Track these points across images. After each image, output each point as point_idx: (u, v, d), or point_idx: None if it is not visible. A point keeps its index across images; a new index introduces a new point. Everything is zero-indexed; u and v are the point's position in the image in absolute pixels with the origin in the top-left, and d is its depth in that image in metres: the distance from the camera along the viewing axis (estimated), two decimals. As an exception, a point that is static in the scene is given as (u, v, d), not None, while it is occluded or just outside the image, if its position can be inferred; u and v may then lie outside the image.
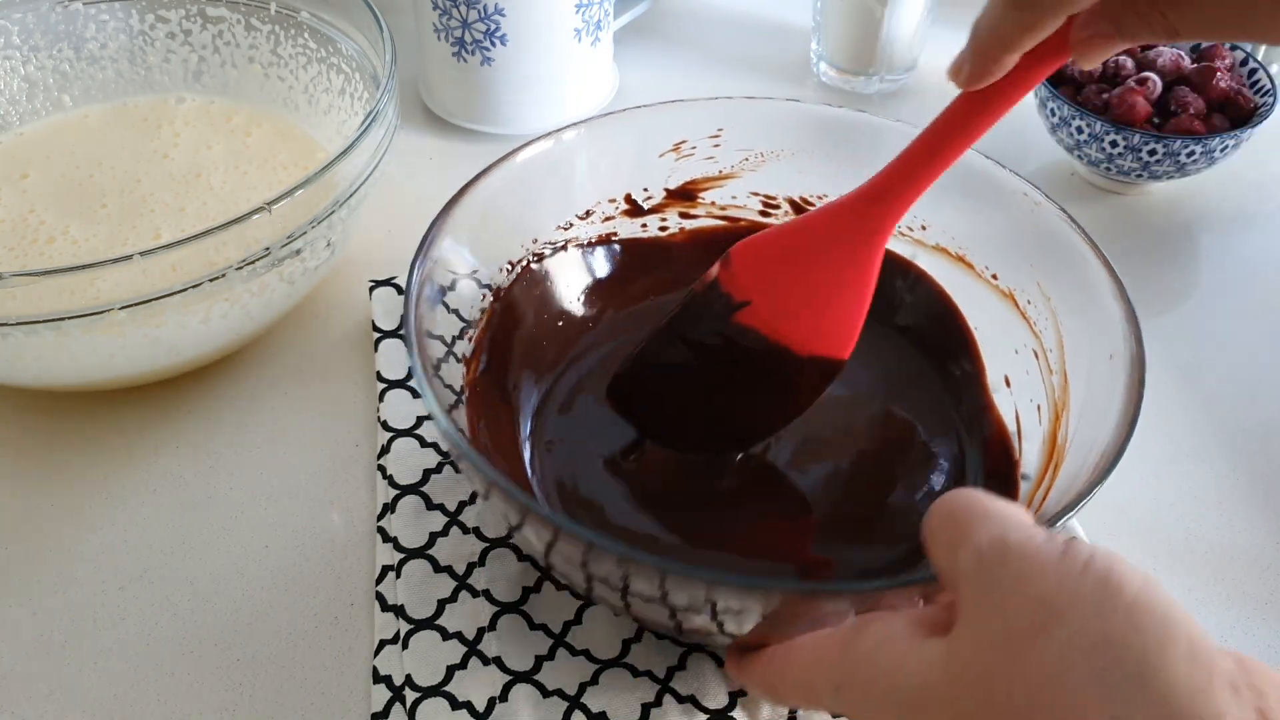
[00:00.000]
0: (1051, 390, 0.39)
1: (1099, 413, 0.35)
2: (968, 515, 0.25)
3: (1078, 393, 0.38)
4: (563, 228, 0.45)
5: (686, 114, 0.45)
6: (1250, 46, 0.63)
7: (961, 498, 0.26)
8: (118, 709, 0.36)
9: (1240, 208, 0.59)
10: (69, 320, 0.38)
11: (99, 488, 0.43)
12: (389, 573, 0.39)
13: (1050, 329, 0.40)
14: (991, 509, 0.25)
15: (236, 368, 0.48)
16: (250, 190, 0.51)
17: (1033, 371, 0.41)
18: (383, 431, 0.44)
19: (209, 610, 0.39)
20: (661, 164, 0.46)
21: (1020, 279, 0.42)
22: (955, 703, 0.23)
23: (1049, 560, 0.23)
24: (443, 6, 0.57)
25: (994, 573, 0.24)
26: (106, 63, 0.56)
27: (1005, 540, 0.24)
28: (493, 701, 0.36)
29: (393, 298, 0.49)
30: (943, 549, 0.26)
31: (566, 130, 0.42)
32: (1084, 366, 0.38)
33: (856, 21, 0.64)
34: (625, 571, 0.29)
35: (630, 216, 0.46)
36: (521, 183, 0.42)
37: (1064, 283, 0.40)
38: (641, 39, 0.70)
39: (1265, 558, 0.42)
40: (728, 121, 0.45)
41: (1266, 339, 0.52)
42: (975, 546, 0.24)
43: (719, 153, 0.46)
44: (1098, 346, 0.37)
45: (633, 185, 0.46)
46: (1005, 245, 0.43)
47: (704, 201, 0.47)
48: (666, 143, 0.45)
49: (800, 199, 0.47)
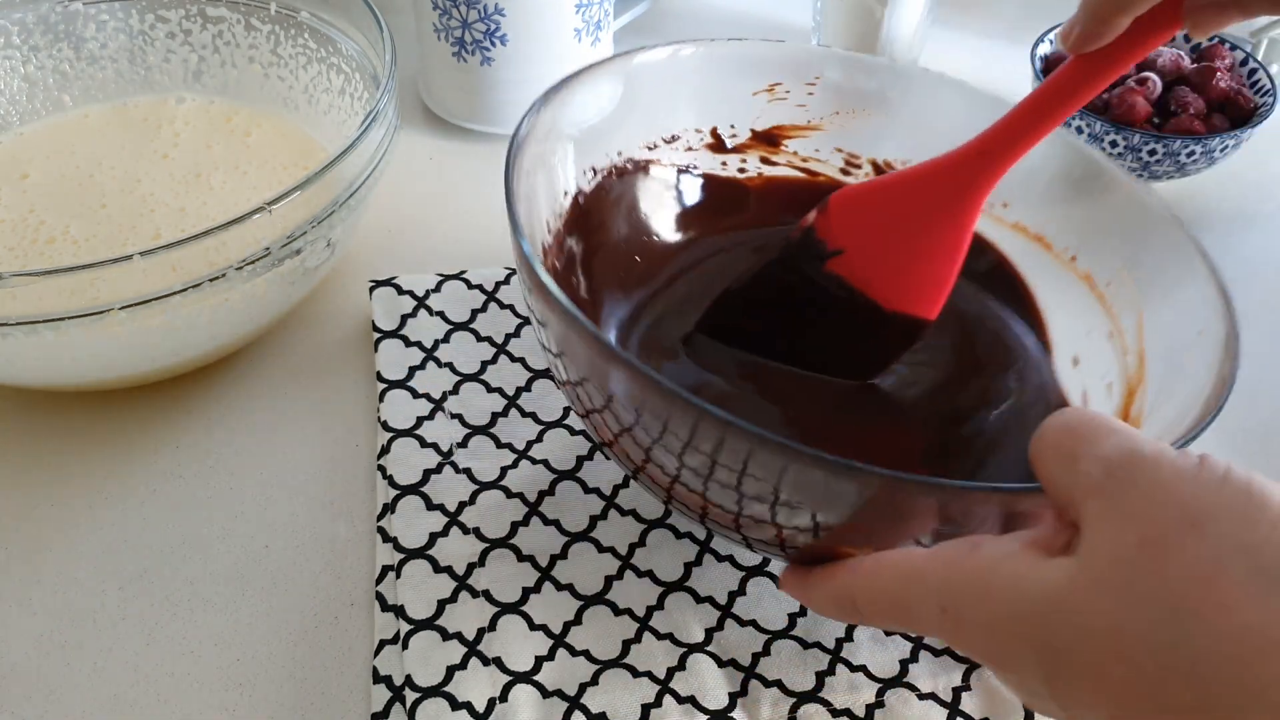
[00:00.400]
0: (1125, 369, 0.39)
1: (1183, 389, 0.34)
2: (1091, 427, 0.24)
3: (1154, 372, 0.37)
4: (648, 146, 0.44)
5: (789, 55, 0.44)
6: (1250, 46, 0.63)
7: (1078, 413, 0.25)
8: (118, 709, 0.36)
9: (1240, 208, 0.59)
10: (69, 320, 0.38)
11: (99, 488, 0.43)
12: (389, 573, 0.39)
13: (1131, 309, 0.39)
14: (1115, 423, 0.24)
15: (236, 368, 0.48)
16: (250, 190, 0.51)
17: (1105, 351, 0.40)
18: (383, 431, 0.44)
19: (209, 610, 0.39)
20: (754, 102, 0.45)
21: (1102, 260, 0.41)
22: (1091, 615, 0.22)
23: (1186, 470, 0.22)
24: (443, 6, 0.57)
25: (1127, 482, 0.23)
26: (106, 63, 0.56)
27: (1138, 450, 0.23)
28: (492, 702, 0.36)
29: (393, 298, 0.49)
30: (1060, 462, 0.24)
31: (685, 46, 0.42)
32: (1163, 346, 0.37)
33: (856, 21, 0.64)
34: (721, 439, 0.28)
35: (713, 151, 0.46)
36: (628, 87, 0.42)
37: (1149, 264, 0.39)
38: (641, 39, 0.69)
39: (1265, 558, 0.42)
40: (827, 69, 0.44)
41: (1266, 339, 0.52)
42: (1102, 457, 0.23)
43: (811, 100, 0.45)
44: (1184, 325, 0.36)
45: (720, 119, 0.46)
46: (1086, 226, 0.42)
47: (786, 150, 0.47)
48: (763, 81, 0.45)
49: (884, 162, 0.46)
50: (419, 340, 0.47)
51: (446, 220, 0.56)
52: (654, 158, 0.45)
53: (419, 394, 0.45)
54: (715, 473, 0.30)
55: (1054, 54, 0.60)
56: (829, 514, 0.29)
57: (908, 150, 0.46)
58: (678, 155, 0.45)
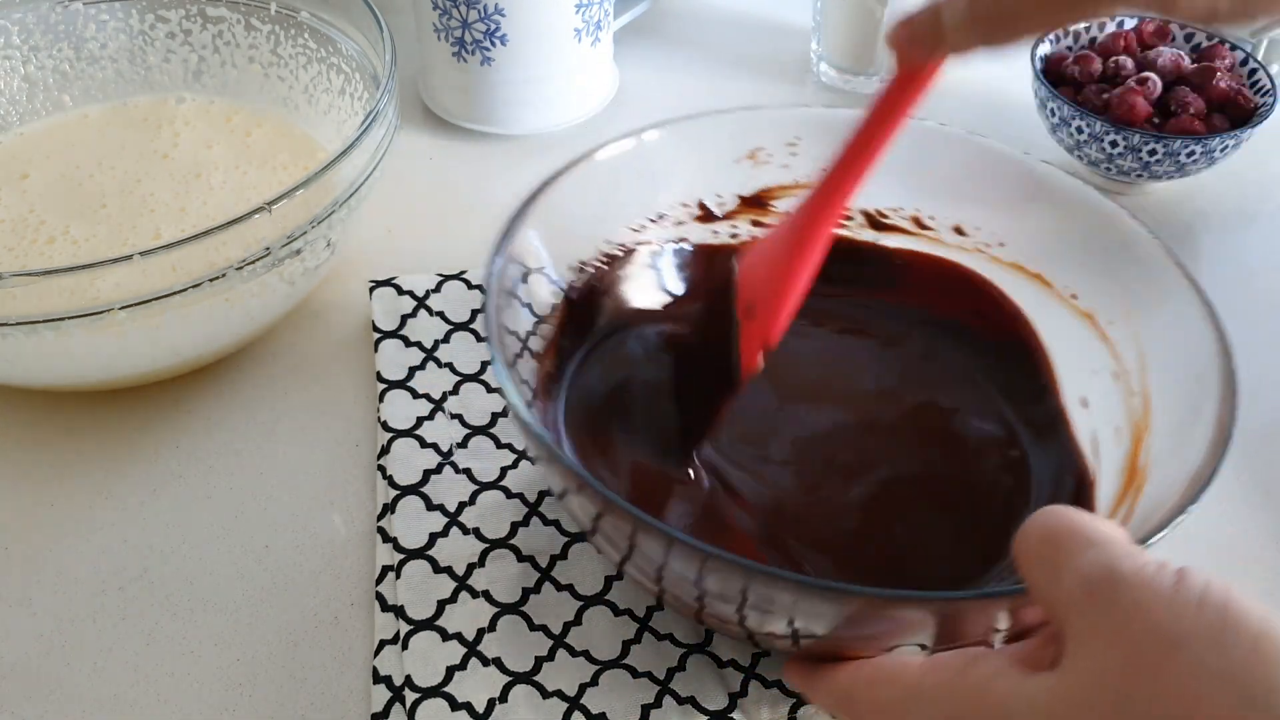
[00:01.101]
0: (1132, 412, 0.39)
1: (1185, 434, 0.34)
2: (1069, 537, 0.24)
3: (1160, 415, 0.37)
4: (635, 229, 0.44)
5: (765, 120, 0.44)
6: (1250, 46, 0.63)
7: (1057, 516, 0.25)
8: (118, 709, 0.36)
9: (1240, 208, 0.59)
10: (69, 320, 0.38)
11: (99, 488, 0.43)
12: (389, 573, 0.39)
13: (1132, 350, 0.39)
14: (1094, 533, 0.24)
15: (236, 368, 0.48)
16: (250, 190, 0.51)
17: (1111, 394, 0.40)
18: (383, 432, 0.44)
19: (209, 610, 0.39)
20: (737, 170, 0.45)
21: (1101, 299, 0.41)
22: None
23: (1163, 590, 0.23)
24: (443, 6, 0.57)
25: (1107, 602, 0.23)
26: (106, 63, 0.56)
27: (1116, 568, 0.23)
28: (492, 702, 0.36)
29: (393, 298, 0.49)
30: (1042, 571, 0.25)
31: (648, 130, 0.42)
32: (1168, 388, 0.37)
33: (856, 21, 0.64)
34: (704, 571, 0.29)
35: (703, 222, 0.46)
36: (599, 181, 0.41)
37: (1147, 303, 0.39)
38: (641, 39, 0.70)
39: (1265, 558, 0.42)
40: (805, 130, 0.44)
41: (1266, 339, 0.52)
42: (1082, 574, 0.24)
43: (795, 161, 0.45)
44: (1183, 369, 0.36)
45: (706, 191, 0.45)
46: (1087, 264, 0.42)
47: (776, 210, 0.46)
48: (744, 149, 0.45)
49: (876, 211, 0.46)
50: (419, 340, 0.47)
51: (446, 220, 0.56)
52: (642, 239, 0.45)
53: (419, 394, 0.45)
54: (708, 604, 0.31)
55: (1054, 53, 0.60)
56: (816, 626, 0.30)
57: (899, 199, 0.45)
58: (666, 231, 0.45)
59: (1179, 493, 0.32)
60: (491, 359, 0.34)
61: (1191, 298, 0.37)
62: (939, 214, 0.45)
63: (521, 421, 0.32)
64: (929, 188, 0.45)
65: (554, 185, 0.39)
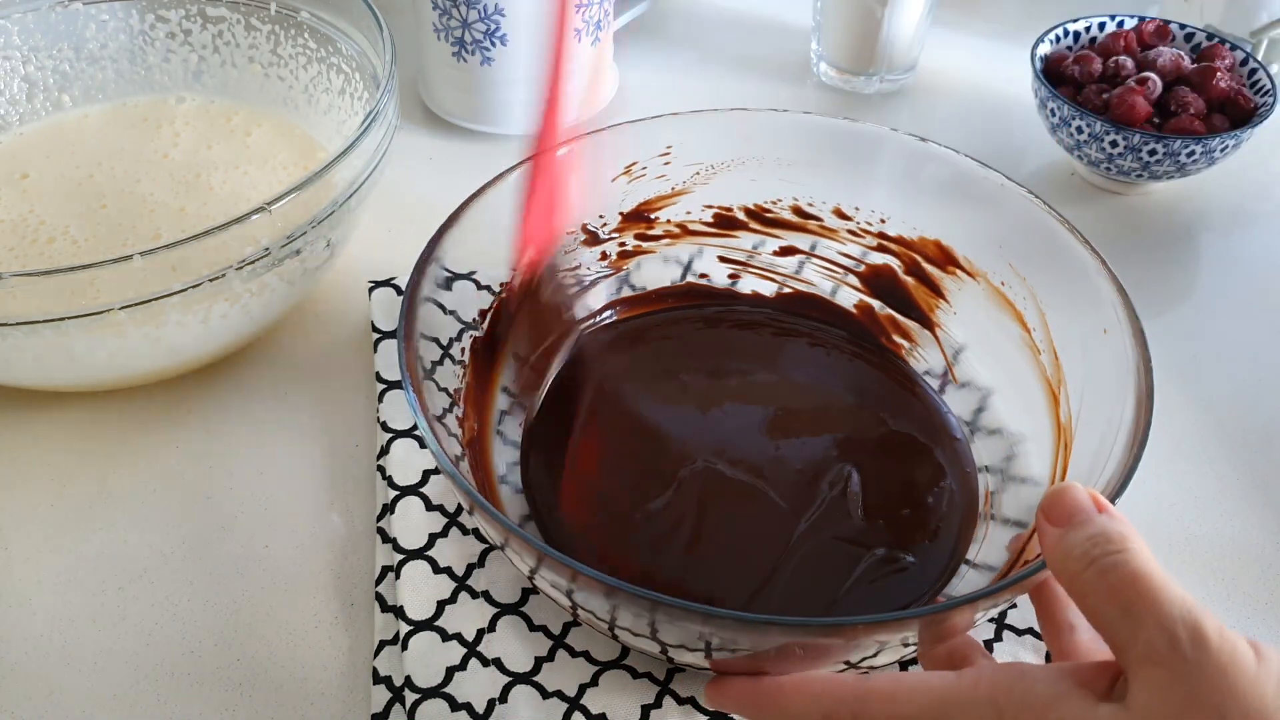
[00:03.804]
0: (1042, 369, 0.40)
1: (1110, 390, 0.35)
2: (1149, 585, 0.25)
3: (1073, 369, 0.39)
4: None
5: (635, 135, 0.44)
6: (1250, 46, 0.63)
7: (1140, 560, 0.26)
8: (118, 709, 0.36)
9: (1240, 208, 0.59)
10: (69, 320, 0.38)
11: (99, 488, 0.43)
12: (389, 573, 0.39)
13: (1031, 308, 0.41)
14: (1169, 588, 0.25)
15: (236, 368, 0.48)
16: (250, 190, 0.51)
17: (1019, 353, 0.41)
18: (382, 432, 0.44)
19: (209, 610, 0.39)
20: (614, 188, 0.45)
21: (992, 262, 0.43)
22: None
23: (1247, 664, 0.24)
24: (443, 6, 0.57)
25: (1192, 664, 0.24)
26: (106, 63, 0.56)
27: (1202, 631, 0.24)
28: (492, 703, 0.36)
29: (392, 298, 0.49)
30: (1118, 612, 0.25)
31: (516, 170, 0.41)
32: (1076, 342, 0.39)
33: (856, 21, 0.64)
34: (653, 618, 0.29)
35: (590, 245, 0.46)
36: (490, 220, 0.41)
37: (1038, 263, 0.41)
38: (641, 39, 0.70)
39: (1265, 557, 0.42)
40: (675, 137, 0.44)
41: (1267, 339, 0.52)
42: (1167, 629, 0.24)
43: (670, 170, 0.45)
44: (1088, 322, 0.37)
45: (588, 214, 0.45)
46: (975, 231, 0.43)
47: (660, 221, 0.47)
48: (618, 166, 0.45)
49: (756, 206, 0.47)
50: (419, 340, 0.47)
51: (446, 220, 0.56)
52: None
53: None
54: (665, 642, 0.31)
55: (1054, 53, 0.60)
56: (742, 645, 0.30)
57: (774, 191, 0.46)
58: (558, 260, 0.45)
59: (1124, 450, 0.33)
60: (415, 419, 0.33)
61: (1083, 253, 0.38)
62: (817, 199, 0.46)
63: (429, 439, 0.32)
64: (804, 178, 0.46)
65: (455, 222, 0.39)
